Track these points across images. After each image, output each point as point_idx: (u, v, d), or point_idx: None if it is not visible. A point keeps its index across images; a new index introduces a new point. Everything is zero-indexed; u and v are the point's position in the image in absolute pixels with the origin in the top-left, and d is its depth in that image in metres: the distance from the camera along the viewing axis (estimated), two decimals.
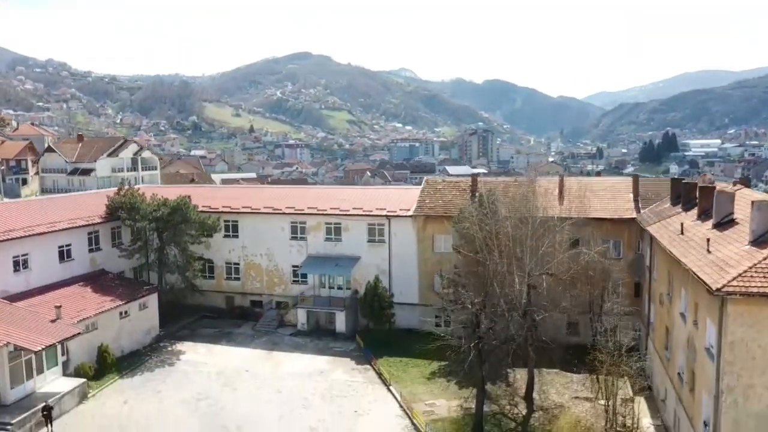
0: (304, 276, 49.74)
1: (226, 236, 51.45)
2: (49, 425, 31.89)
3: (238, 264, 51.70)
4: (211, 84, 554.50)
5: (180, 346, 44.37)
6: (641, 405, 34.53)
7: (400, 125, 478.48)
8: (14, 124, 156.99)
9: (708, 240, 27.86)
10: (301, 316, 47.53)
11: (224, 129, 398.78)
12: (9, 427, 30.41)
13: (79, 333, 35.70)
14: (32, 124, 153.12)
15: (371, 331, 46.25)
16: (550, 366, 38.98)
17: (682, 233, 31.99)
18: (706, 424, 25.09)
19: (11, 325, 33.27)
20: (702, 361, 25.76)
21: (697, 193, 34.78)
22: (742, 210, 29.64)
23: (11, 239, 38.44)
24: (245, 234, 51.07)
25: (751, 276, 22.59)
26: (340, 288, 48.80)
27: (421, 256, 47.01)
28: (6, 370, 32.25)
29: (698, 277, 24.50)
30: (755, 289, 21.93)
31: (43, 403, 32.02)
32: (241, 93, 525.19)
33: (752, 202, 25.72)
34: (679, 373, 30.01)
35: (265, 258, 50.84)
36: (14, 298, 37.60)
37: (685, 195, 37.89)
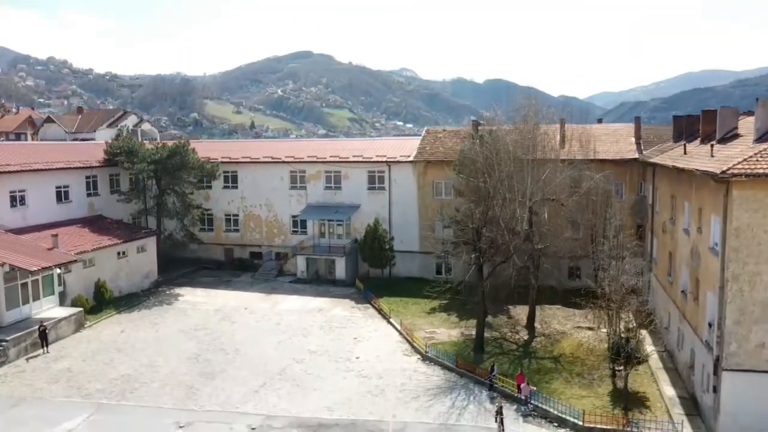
0: (304, 226, 49.38)
1: (225, 187, 51.10)
2: (45, 346, 31.54)
3: (237, 215, 51.32)
4: (213, 82, 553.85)
5: (178, 290, 43.99)
6: (644, 336, 34.04)
7: (401, 123, 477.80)
8: (14, 111, 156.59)
9: (712, 146, 27.54)
10: (300, 264, 47.13)
11: (225, 125, 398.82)
12: (4, 343, 30.08)
13: (75, 260, 35.41)
14: (32, 108, 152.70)
15: (371, 279, 45.87)
16: (552, 303, 38.74)
17: (685, 153, 31.68)
18: (710, 325, 24.64)
19: (7, 250, 32.97)
20: (706, 262, 25.34)
21: (700, 120, 34.37)
22: (746, 129, 29.28)
23: (7, 172, 38.10)
24: (244, 184, 50.70)
25: (756, 160, 22.21)
26: (339, 237, 48.40)
27: (422, 203, 46.59)
28: (1, 290, 31.90)
29: (703, 171, 24.13)
30: (761, 170, 21.53)
31: (39, 323, 31.70)
32: (242, 91, 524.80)
33: (757, 99, 25.36)
34: (682, 291, 29.58)
35: (265, 208, 50.45)
36: (11, 233, 37.21)
37: (687, 129, 37.44)
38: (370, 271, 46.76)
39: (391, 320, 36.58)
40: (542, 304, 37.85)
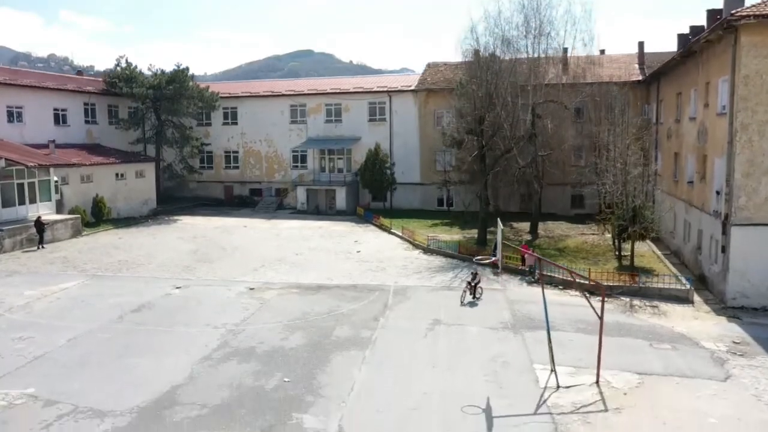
0: (304, 161, 48.90)
1: (224, 124, 50.63)
2: (41, 242, 31.06)
3: (237, 152, 50.83)
4: (214, 81, 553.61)
5: (177, 217, 43.48)
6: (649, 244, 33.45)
7: None
8: None
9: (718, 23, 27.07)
10: (300, 196, 46.60)
11: None
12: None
13: (73, 164, 34.98)
14: None
15: (372, 209, 45.30)
16: (556, 220, 38.34)
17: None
18: (718, 193, 24.14)
19: (4, 150, 32.55)
20: (713, 130, 24.87)
21: (705, 27, 33.84)
22: None
23: (4, 84, 37.63)
24: (244, 120, 50.19)
25: (765, 4, 21.78)
26: (340, 170, 47.91)
27: (423, 133, 46.10)
28: None
29: (710, 29, 23.69)
30: None
31: (37, 217, 31.29)
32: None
33: None
34: (689, 181, 29.08)
35: (265, 144, 49.97)
36: None
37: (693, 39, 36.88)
38: (371, 204, 46.26)
39: (392, 231, 36.12)
40: (546, 221, 37.47)
